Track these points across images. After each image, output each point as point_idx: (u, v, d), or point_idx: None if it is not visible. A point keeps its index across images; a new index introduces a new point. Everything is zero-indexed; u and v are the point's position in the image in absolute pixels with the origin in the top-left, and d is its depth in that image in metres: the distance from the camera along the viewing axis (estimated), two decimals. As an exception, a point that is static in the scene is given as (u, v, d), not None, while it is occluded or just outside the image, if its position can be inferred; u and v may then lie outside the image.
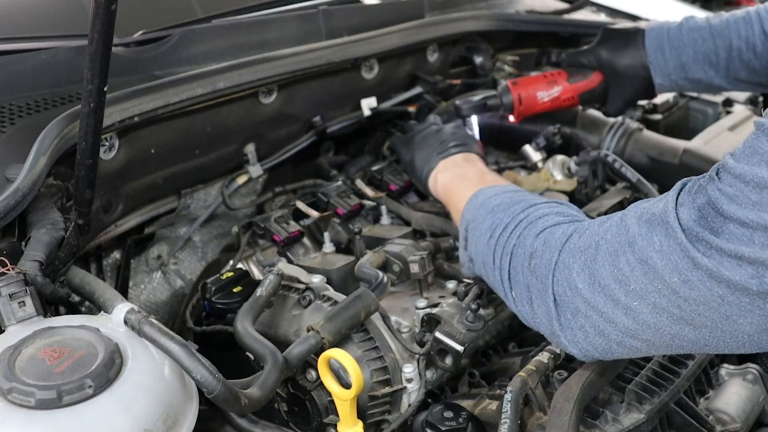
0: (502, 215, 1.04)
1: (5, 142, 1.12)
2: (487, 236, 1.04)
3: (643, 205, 0.86)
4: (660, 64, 1.44)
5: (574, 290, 0.87)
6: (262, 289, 1.10)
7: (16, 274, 0.89)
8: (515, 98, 1.48)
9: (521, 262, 0.96)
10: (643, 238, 0.80)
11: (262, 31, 1.56)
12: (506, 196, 1.09)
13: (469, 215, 1.11)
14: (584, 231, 0.91)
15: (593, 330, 0.87)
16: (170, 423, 0.79)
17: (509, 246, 0.99)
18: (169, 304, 1.50)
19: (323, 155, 1.68)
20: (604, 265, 0.84)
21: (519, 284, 0.96)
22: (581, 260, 0.87)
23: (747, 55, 1.37)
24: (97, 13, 0.84)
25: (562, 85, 1.50)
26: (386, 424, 1.05)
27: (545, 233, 0.95)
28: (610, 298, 0.83)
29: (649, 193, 1.39)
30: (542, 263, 0.92)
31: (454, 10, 1.89)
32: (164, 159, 1.37)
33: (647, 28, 1.48)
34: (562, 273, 0.89)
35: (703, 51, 1.41)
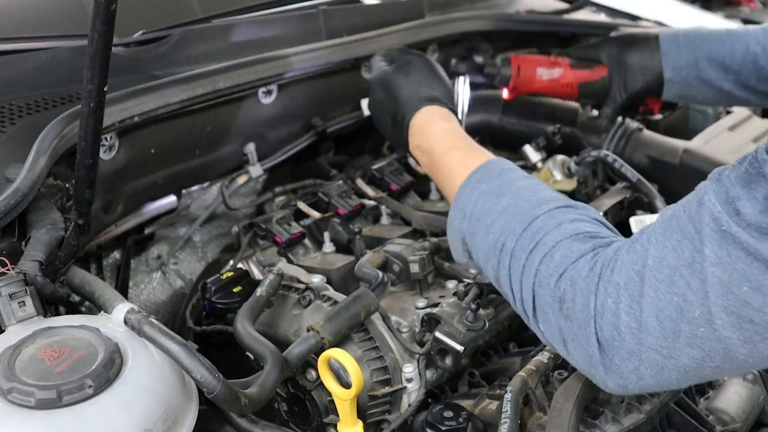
0: (502, 236, 0.92)
1: (5, 142, 1.12)
2: (494, 262, 0.93)
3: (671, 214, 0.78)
4: (672, 56, 1.42)
5: (627, 331, 0.78)
6: (262, 289, 1.10)
7: (16, 274, 0.89)
8: (514, 69, 1.46)
9: (549, 305, 0.86)
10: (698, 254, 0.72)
11: (262, 31, 1.56)
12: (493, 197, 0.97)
13: (462, 227, 1.00)
14: (615, 263, 0.81)
15: (650, 370, 0.78)
16: (170, 423, 0.79)
17: (528, 283, 0.88)
18: (169, 304, 1.50)
19: (323, 155, 1.68)
20: (657, 296, 0.75)
21: (549, 323, 0.87)
22: (626, 297, 0.78)
23: (762, 60, 1.35)
24: (97, 13, 0.84)
25: (564, 68, 1.48)
26: (386, 424, 1.05)
27: (569, 273, 0.84)
28: (670, 331, 0.75)
29: (649, 193, 1.38)
30: (577, 308, 0.82)
31: (454, 10, 1.89)
32: (164, 159, 1.37)
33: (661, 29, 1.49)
34: (605, 317, 0.79)
35: (719, 50, 1.39)
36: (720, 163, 1.45)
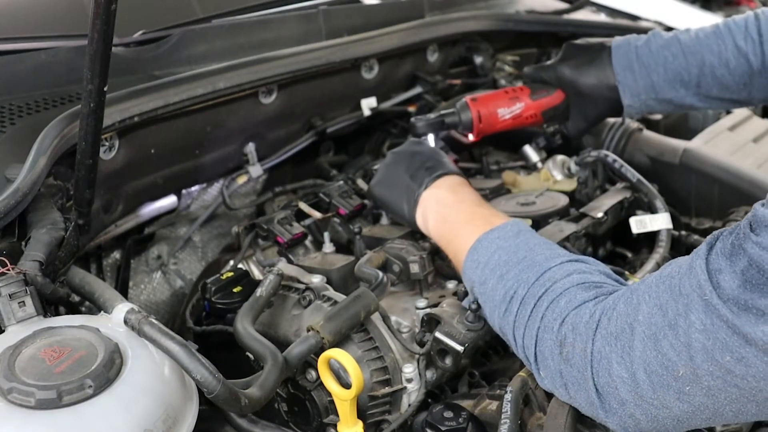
0: (515, 284, 0.96)
1: (5, 142, 1.12)
2: (502, 309, 0.96)
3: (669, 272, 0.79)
4: (629, 84, 1.35)
5: (619, 380, 0.80)
6: (262, 289, 1.10)
7: (16, 274, 0.89)
8: (475, 116, 1.38)
9: (550, 349, 0.89)
10: (682, 319, 0.73)
11: (262, 31, 1.56)
12: (511, 251, 1.00)
13: (474, 276, 1.03)
14: (612, 312, 0.84)
15: (645, 417, 0.81)
16: (170, 423, 0.79)
17: (533, 328, 0.91)
18: (169, 304, 1.50)
19: (323, 155, 1.68)
20: (645, 350, 0.77)
21: (549, 368, 0.90)
22: (618, 348, 0.80)
23: (720, 71, 1.30)
24: (97, 13, 0.84)
25: (524, 101, 1.41)
26: (386, 424, 1.04)
27: (571, 318, 0.88)
28: (659, 385, 0.77)
29: (649, 193, 1.38)
30: (576, 353, 0.85)
31: (454, 10, 1.89)
32: (164, 159, 1.37)
33: (614, 45, 1.38)
34: (600, 364, 0.82)
35: (674, 68, 1.33)
36: (720, 163, 1.46)
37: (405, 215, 1.21)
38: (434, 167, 1.20)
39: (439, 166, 1.21)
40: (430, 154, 1.25)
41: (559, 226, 1.27)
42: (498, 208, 1.33)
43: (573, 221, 1.30)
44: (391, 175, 1.25)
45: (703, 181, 1.48)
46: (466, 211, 1.12)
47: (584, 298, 0.89)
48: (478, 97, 1.41)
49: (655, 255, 1.25)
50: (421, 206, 1.18)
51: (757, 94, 1.30)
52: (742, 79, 1.29)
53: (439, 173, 1.19)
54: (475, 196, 1.16)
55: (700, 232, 1.41)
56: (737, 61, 1.29)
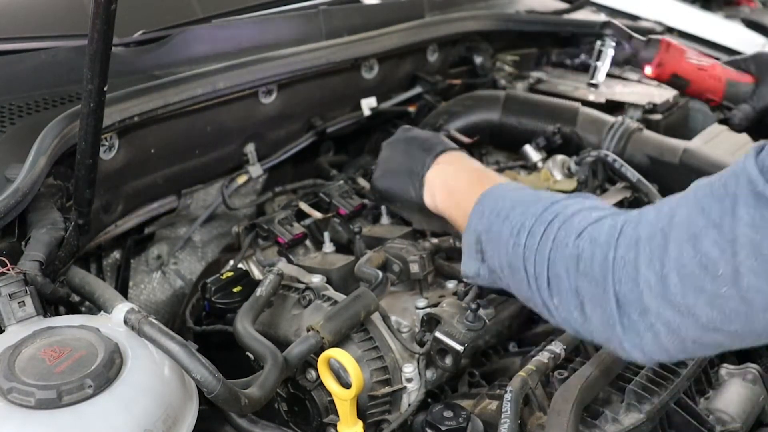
0: (521, 218, 0.93)
1: (5, 142, 1.12)
2: (510, 244, 0.93)
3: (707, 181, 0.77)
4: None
5: (645, 285, 0.77)
6: (262, 289, 1.10)
7: (16, 274, 0.89)
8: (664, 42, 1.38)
9: (565, 267, 0.85)
10: (728, 216, 0.71)
11: (262, 31, 1.56)
12: (517, 195, 0.99)
13: (480, 226, 0.99)
14: (638, 221, 0.81)
15: (666, 328, 0.77)
16: (170, 423, 0.79)
17: (544, 251, 0.88)
18: (169, 304, 1.50)
19: (323, 155, 1.68)
20: (681, 252, 0.74)
21: (564, 291, 0.86)
22: (647, 251, 0.77)
23: None
24: (97, 13, 0.84)
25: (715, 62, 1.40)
26: (386, 424, 1.04)
27: (589, 231, 0.85)
28: (691, 288, 0.74)
29: (649, 193, 1.38)
30: (595, 264, 0.82)
31: (454, 10, 1.89)
32: (164, 159, 1.37)
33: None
34: (624, 270, 0.79)
35: None
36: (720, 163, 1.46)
37: (414, 200, 1.18)
38: (432, 147, 1.19)
39: (437, 144, 1.20)
40: (424, 136, 1.24)
41: (559, 226, 1.27)
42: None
43: (573, 221, 1.29)
44: (392, 165, 1.23)
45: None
46: (471, 176, 1.12)
47: (601, 215, 0.87)
48: None
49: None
50: (428, 187, 1.16)
51: None
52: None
53: (438, 151, 1.18)
54: (478, 164, 1.17)
55: (700, 232, 1.40)
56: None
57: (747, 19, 2.67)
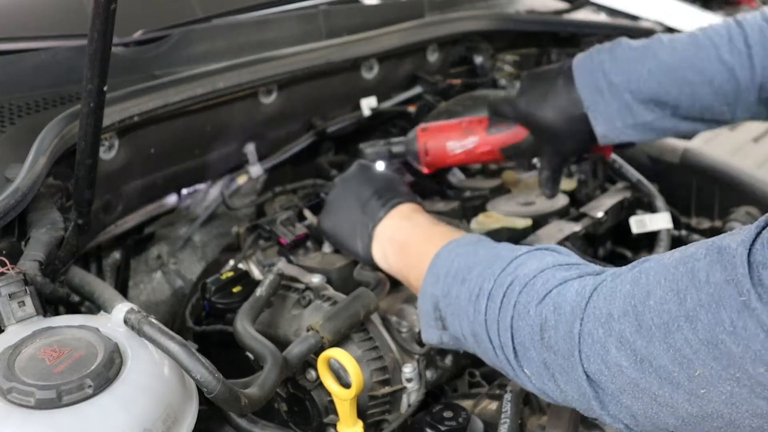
0: (479, 280, 0.85)
1: (5, 142, 1.12)
2: (470, 311, 0.85)
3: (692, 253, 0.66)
4: (600, 110, 1.15)
5: (616, 369, 0.69)
6: (262, 289, 1.10)
7: (16, 274, 0.89)
8: (421, 148, 1.28)
9: (529, 337, 0.78)
10: (704, 312, 0.61)
11: (262, 31, 1.56)
12: (472, 253, 0.90)
13: (436, 290, 0.91)
14: (609, 290, 0.72)
15: (644, 413, 0.70)
16: (170, 423, 0.79)
17: (506, 319, 0.80)
18: (169, 304, 1.50)
19: (323, 155, 1.68)
20: (653, 340, 0.66)
21: (532, 361, 0.79)
22: (617, 331, 0.69)
23: (703, 89, 1.12)
24: (97, 12, 0.84)
25: (479, 135, 1.27)
26: (386, 424, 1.05)
27: (552, 296, 0.77)
28: (667, 381, 0.65)
29: (649, 193, 1.39)
30: (560, 336, 0.74)
31: (454, 10, 1.89)
32: (164, 159, 1.37)
33: (574, 64, 1.19)
34: (592, 348, 0.71)
35: (650, 87, 1.14)
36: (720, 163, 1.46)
37: (360, 253, 1.11)
38: (386, 197, 1.10)
39: (391, 195, 1.10)
40: (380, 182, 1.13)
41: (559, 225, 1.27)
42: (498, 208, 1.34)
43: (573, 221, 1.30)
44: (341, 210, 1.14)
45: (703, 181, 1.48)
46: (423, 233, 1.03)
47: (565, 277, 0.78)
48: (429, 126, 1.31)
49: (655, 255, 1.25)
50: (377, 242, 1.09)
51: (741, 114, 1.14)
52: (727, 98, 1.12)
53: (391, 204, 1.09)
54: (431, 219, 1.08)
55: (700, 232, 1.41)
56: (722, 77, 1.11)
57: (747, 19, 2.66)
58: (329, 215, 1.17)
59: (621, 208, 1.37)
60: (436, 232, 1.02)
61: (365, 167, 1.19)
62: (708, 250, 0.65)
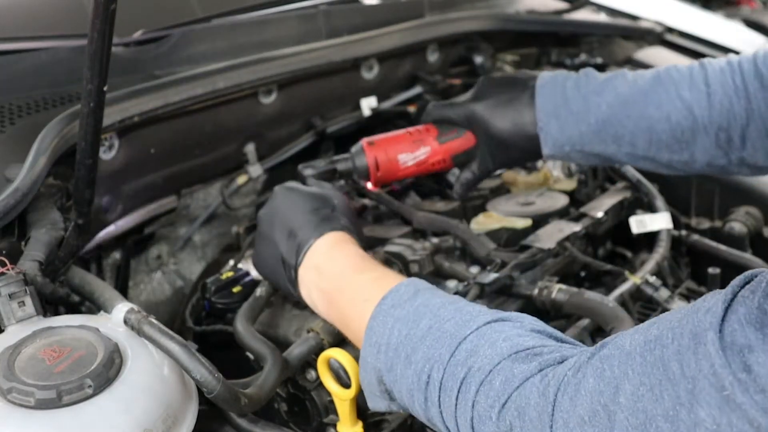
0: (426, 364, 0.77)
1: (5, 142, 1.12)
2: (422, 400, 0.78)
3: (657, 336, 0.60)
4: (552, 133, 1.15)
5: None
6: (262, 289, 1.10)
7: (16, 274, 0.89)
8: (371, 162, 1.20)
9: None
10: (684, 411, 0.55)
11: (262, 31, 1.56)
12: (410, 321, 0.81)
13: (379, 363, 0.83)
14: (573, 389, 0.65)
15: None
16: (170, 423, 0.79)
17: (465, 419, 0.73)
18: (169, 304, 1.50)
19: (323, 155, 1.68)
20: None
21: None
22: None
23: (660, 125, 1.10)
24: (97, 13, 0.84)
25: (430, 145, 1.21)
26: (386, 424, 1.04)
27: (514, 402, 0.69)
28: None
29: (649, 193, 1.38)
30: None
31: (454, 10, 1.89)
32: (164, 159, 1.37)
33: (539, 85, 1.17)
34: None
35: (607, 120, 1.12)
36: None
37: (293, 296, 1.01)
38: (305, 231, 0.98)
39: (312, 227, 0.98)
40: (299, 210, 1.01)
41: (559, 226, 1.27)
42: (498, 208, 1.34)
43: (573, 221, 1.30)
44: (265, 249, 1.03)
45: (703, 181, 1.48)
46: (349, 283, 0.92)
47: (525, 373, 0.70)
48: (376, 140, 1.23)
49: (655, 255, 1.25)
50: (302, 287, 0.98)
51: (699, 157, 1.10)
52: (684, 136, 1.09)
53: (312, 238, 0.97)
54: (356, 257, 0.95)
55: (700, 232, 1.41)
56: (680, 114, 1.08)
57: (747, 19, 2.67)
58: (256, 251, 1.07)
59: (621, 208, 1.37)
60: (364, 281, 0.91)
61: (288, 191, 1.06)
62: (674, 334, 0.58)
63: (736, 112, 1.06)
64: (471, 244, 1.22)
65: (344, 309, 0.92)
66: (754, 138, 1.06)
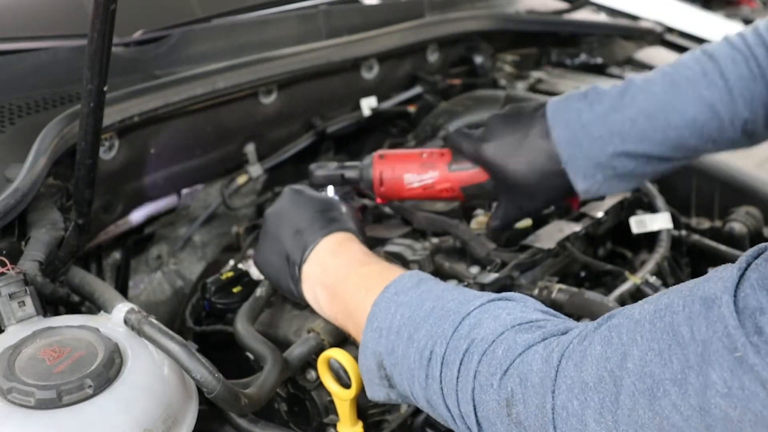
0: (428, 341, 0.77)
1: (5, 142, 1.12)
2: (422, 377, 0.77)
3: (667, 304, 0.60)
4: (579, 164, 1.04)
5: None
6: (262, 289, 1.10)
7: (16, 274, 0.89)
8: (376, 176, 1.16)
9: (495, 412, 0.70)
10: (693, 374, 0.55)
11: (262, 31, 1.56)
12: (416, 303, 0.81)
13: (379, 347, 0.82)
14: (579, 355, 0.64)
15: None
16: (170, 423, 0.79)
17: (466, 391, 0.72)
18: (169, 304, 1.50)
19: (323, 155, 1.68)
20: (636, 407, 0.59)
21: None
22: (596, 402, 0.62)
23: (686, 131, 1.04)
24: (97, 13, 0.84)
25: (439, 170, 1.15)
26: (386, 424, 1.04)
27: (516, 367, 0.69)
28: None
29: (649, 193, 1.38)
30: (530, 411, 0.67)
31: (454, 10, 1.89)
32: (164, 159, 1.37)
33: (550, 113, 1.06)
34: (568, 422, 0.64)
35: (633, 136, 1.04)
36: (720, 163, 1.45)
37: (293, 293, 1.00)
38: (312, 230, 0.98)
39: (319, 226, 0.99)
40: (307, 211, 1.01)
41: (559, 226, 1.27)
42: (498, 208, 1.33)
43: (573, 221, 1.29)
44: (270, 247, 1.03)
45: (703, 181, 1.48)
46: (354, 274, 0.92)
47: (528, 341, 0.70)
48: (387, 154, 1.18)
49: (655, 255, 1.25)
50: (306, 284, 0.98)
51: (725, 147, 1.09)
52: (712, 135, 1.05)
53: (319, 236, 0.97)
54: (361, 253, 0.96)
55: (700, 232, 1.41)
56: (705, 116, 1.03)
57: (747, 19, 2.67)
58: (260, 249, 1.06)
59: (621, 208, 1.37)
60: (369, 272, 0.91)
61: (297, 193, 1.06)
62: (686, 301, 0.58)
63: (756, 100, 1.02)
64: (471, 244, 1.22)
65: (348, 300, 0.91)
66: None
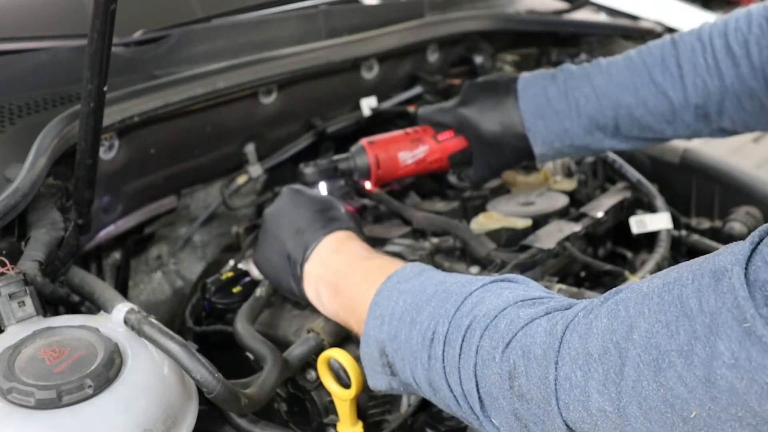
0: (431, 322, 0.77)
1: (5, 142, 1.12)
2: (425, 358, 0.77)
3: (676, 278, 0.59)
4: (540, 132, 1.20)
5: (599, 415, 0.62)
6: (262, 289, 1.10)
7: (16, 274, 0.89)
8: (372, 161, 1.23)
9: (497, 386, 0.70)
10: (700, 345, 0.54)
11: (262, 31, 1.56)
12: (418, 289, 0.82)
13: (381, 334, 0.82)
14: (584, 328, 0.64)
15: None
16: (170, 423, 0.79)
17: (468, 367, 0.72)
18: (169, 304, 1.50)
19: (323, 155, 1.68)
20: (640, 379, 0.58)
21: (501, 411, 0.71)
22: (600, 373, 0.61)
23: (638, 111, 1.15)
24: (97, 13, 0.84)
25: (428, 144, 1.25)
26: (386, 424, 1.05)
27: (519, 339, 0.69)
28: (658, 425, 0.59)
29: (649, 193, 1.38)
30: (532, 383, 0.67)
31: (454, 10, 1.89)
32: (164, 159, 1.37)
33: (520, 88, 1.22)
34: (571, 394, 0.64)
35: (588, 113, 1.17)
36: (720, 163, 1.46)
37: (295, 292, 1.01)
38: (313, 229, 0.99)
39: (320, 225, 0.99)
40: (307, 210, 1.02)
41: (559, 226, 1.27)
42: (498, 208, 1.34)
43: (573, 221, 1.30)
44: (270, 246, 1.04)
45: (703, 181, 1.48)
46: (356, 270, 0.93)
47: (531, 315, 0.70)
48: (375, 139, 1.26)
49: (655, 255, 1.25)
50: (308, 282, 0.98)
51: (683, 131, 1.17)
52: (664, 117, 1.14)
53: (320, 234, 0.98)
54: (363, 249, 0.97)
55: (700, 232, 1.41)
56: (656, 99, 1.14)
57: (747, 19, 2.67)
58: (260, 249, 1.07)
59: (621, 208, 1.37)
60: (371, 266, 0.92)
61: (296, 193, 1.07)
62: (695, 274, 0.58)
63: (710, 90, 1.11)
64: (471, 244, 1.22)
65: (351, 294, 0.92)
66: (730, 112, 1.11)
